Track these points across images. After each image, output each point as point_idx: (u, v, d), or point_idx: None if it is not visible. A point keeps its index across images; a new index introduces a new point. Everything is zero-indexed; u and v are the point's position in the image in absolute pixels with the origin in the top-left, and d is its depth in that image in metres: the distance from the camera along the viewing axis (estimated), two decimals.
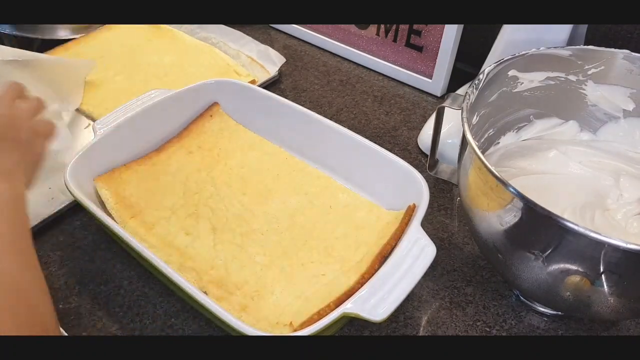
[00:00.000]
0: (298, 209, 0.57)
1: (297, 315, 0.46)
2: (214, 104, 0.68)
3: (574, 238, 0.39)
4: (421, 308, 0.53)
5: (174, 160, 0.63)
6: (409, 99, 0.81)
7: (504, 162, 0.58)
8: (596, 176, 0.56)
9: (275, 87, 0.83)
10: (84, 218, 0.61)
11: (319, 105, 0.79)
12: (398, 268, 0.45)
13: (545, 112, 0.60)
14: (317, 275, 0.51)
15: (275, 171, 0.62)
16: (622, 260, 0.38)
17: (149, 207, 0.57)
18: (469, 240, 0.60)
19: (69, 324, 0.51)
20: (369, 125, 0.76)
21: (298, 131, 0.64)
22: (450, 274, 0.56)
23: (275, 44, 0.93)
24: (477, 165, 0.44)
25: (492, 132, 0.59)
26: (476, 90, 0.52)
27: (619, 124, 0.59)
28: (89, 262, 0.57)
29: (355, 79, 0.85)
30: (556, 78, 0.58)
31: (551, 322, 0.52)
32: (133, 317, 0.52)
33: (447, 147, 0.66)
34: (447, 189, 0.66)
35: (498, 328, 0.52)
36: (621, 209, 0.52)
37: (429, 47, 0.80)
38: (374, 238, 0.53)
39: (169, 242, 0.53)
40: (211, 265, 0.51)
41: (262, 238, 0.54)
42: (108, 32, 0.88)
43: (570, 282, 0.42)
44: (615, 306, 0.43)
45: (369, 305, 0.42)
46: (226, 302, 0.48)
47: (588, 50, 0.56)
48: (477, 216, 0.48)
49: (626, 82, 0.56)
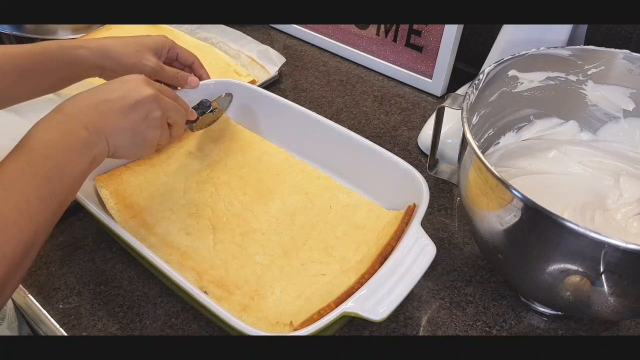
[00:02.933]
0: (298, 209, 0.57)
1: (297, 314, 0.46)
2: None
3: (574, 238, 0.39)
4: (421, 308, 0.53)
5: (173, 160, 0.63)
6: (409, 99, 0.81)
7: (504, 162, 0.58)
8: (596, 176, 0.56)
9: (275, 87, 0.83)
10: (84, 218, 0.61)
11: (319, 105, 0.79)
12: (398, 268, 0.45)
13: (545, 112, 0.60)
14: (317, 275, 0.51)
15: (275, 171, 0.62)
16: (622, 260, 0.38)
17: (149, 207, 0.57)
18: (469, 240, 0.60)
19: (69, 324, 0.51)
20: (369, 125, 0.76)
21: (298, 131, 0.64)
22: (450, 274, 0.56)
23: (275, 44, 0.93)
24: (477, 165, 0.44)
25: (492, 132, 0.59)
26: (476, 90, 0.52)
27: (619, 124, 0.59)
28: (89, 262, 0.57)
29: (355, 79, 0.85)
30: (556, 78, 0.58)
31: (551, 322, 0.52)
32: (133, 317, 0.52)
33: (447, 147, 0.66)
34: (447, 189, 0.66)
35: (498, 328, 0.52)
36: (621, 209, 0.52)
37: (429, 47, 0.80)
38: (374, 238, 0.53)
39: (169, 242, 0.53)
40: (211, 265, 0.51)
41: (262, 238, 0.54)
42: (108, 32, 0.88)
43: (570, 282, 0.42)
44: (615, 306, 0.43)
45: (369, 305, 0.42)
46: (226, 301, 0.48)
47: (588, 50, 0.56)
48: (477, 216, 0.48)
49: (626, 82, 0.56)
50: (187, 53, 0.65)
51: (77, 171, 0.43)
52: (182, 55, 0.64)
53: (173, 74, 0.62)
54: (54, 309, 0.53)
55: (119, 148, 0.47)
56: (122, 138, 0.47)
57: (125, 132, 0.47)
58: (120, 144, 0.47)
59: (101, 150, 0.45)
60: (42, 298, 0.54)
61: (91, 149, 0.44)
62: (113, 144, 0.46)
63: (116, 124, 0.46)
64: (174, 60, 0.64)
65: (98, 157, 0.45)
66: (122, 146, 0.47)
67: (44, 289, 0.54)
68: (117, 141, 0.47)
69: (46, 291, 0.54)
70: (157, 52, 0.61)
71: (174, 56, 0.64)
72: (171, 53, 0.63)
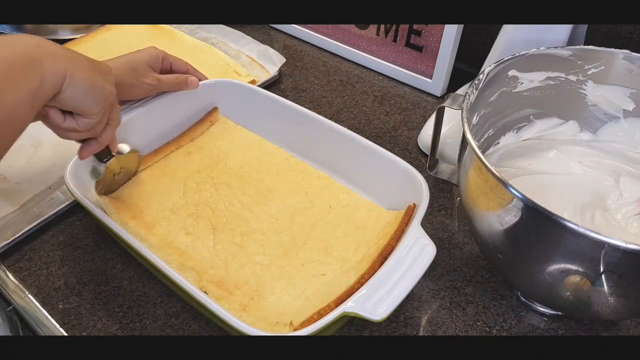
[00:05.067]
0: (298, 209, 0.57)
1: (297, 314, 0.46)
2: (213, 110, 0.68)
3: (574, 238, 0.39)
4: (421, 308, 0.53)
5: (173, 160, 0.63)
6: (409, 99, 0.81)
7: (504, 162, 0.58)
8: (596, 176, 0.56)
9: (275, 87, 0.83)
10: (84, 218, 0.61)
11: (319, 105, 0.79)
12: (398, 268, 0.45)
13: (545, 112, 0.60)
14: (317, 275, 0.51)
15: (275, 171, 0.62)
16: (622, 260, 0.38)
17: (149, 207, 0.57)
18: (469, 240, 0.60)
19: (69, 324, 0.51)
20: (369, 125, 0.76)
21: (298, 131, 0.64)
22: (450, 274, 0.56)
23: (275, 44, 0.93)
24: (477, 165, 0.44)
25: (492, 132, 0.59)
26: (476, 90, 0.52)
27: (619, 124, 0.59)
28: (89, 262, 0.57)
29: (355, 79, 0.85)
30: (556, 78, 0.58)
31: (551, 322, 0.52)
32: (133, 317, 0.52)
33: (447, 147, 0.66)
34: (447, 189, 0.66)
35: (498, 328, 0.52)
36: (621, 209, 0.52)
37: (429, 47, 0.80)
38: (374, 238, 0.53)
39: (169, 242, 0.53)
40: (211, 265, 0.51)
41: (262, 238, 0.54)
42: (108, 32, 0.88)
43: (570, 282, 0.42)
44: (615, 306, 0.43)
45: (369, 305, 0.42)
46: (226, 301, 0.48)
47: (588, 50, 0.56)
48: (477, 216, 0.48)
49: (626, 82, 0.56)
50: (180, 61, 0.65)
51: (24, 90, 0.39)
52: (176, 63, 0.64)
53: (172, 80, 0.62)
54: (54, 309, 0.53)
55: (75, 80, 0.43)
56: (81, 72, 0.44)
57: (83, 68, 0.44)
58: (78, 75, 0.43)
59: (50, 70, 0.41)
60: (42, 298, 0.54)
61: (41, 67, 0.40)
62: (70, 73, 0.43)
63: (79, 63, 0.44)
64: (168, 70, 0.64)
65: (48, 78, 0.41)
66: (78, 79, 0.44)
67: (44, 289, 0.54)
68: (75, 71, 0.43)
69: (46, 291, 0.54)
70: (152, 65, 0.61)
71: (168, 66, 0.63)
72: (165, 63, 0.63)
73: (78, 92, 0.44)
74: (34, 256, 0.57)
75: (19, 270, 0.56)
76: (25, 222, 0.58)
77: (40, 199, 0.61)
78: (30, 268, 0.56)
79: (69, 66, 0.43)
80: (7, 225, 0.58)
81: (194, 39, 0.87)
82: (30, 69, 0.40)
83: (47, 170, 0.64)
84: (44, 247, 0.58)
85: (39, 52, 0.41)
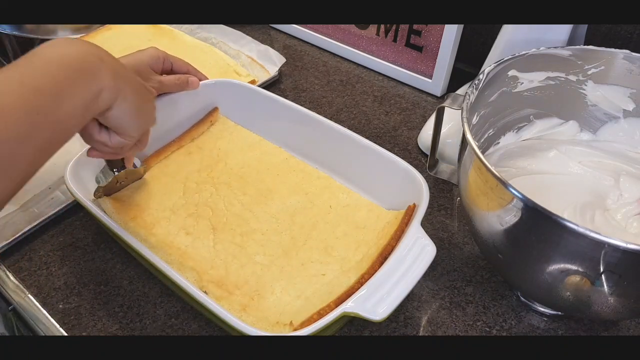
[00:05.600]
0: (298, 209, 0.57)
1: (297, 314, 0.46)
2: (213, 110, 0.68)
3: (574, 238, 0.39)
4: (421, 308, 0.53)
5: (173, 160, 0.63)
6: (409, 99, 0.81)
7: (504, 162, 0.58)
8: (596, 176, 0.56)
9: (275, 87, 0.83)
10: (84, 218, 0.61)
11: (319, 105, 0.79)
12: (398, 268, 0.45)
13: (545, 112, 0.60)
14: (317, 275, 0.51)
15: (275, 171, 0.62)
16: (622, 260, 0.38)
17: (149, 208, 0.56)
18: (469, 240, 0.60)
19: (69, 324, 0.51)
20: (369, 125, 0.76)
21: (298, 131, 0.64)
22: (450, 274, 0.56)
23: (275, 44, 0.93)
24: (477, 165, 0.44)
25: (492, 132, 0.59)
26: (476, 90, 0.52)
27: (619, 124, 0.59)
28: (89, 262, 0.57)
29: (355, 79, 0.85)
30: (556, 78, 0.58)
31: (551, 322, 0.52)
32: (133, 317, 0.52)
33: (447, 147, 0.66)
34: (447, 189, 0.66)
35: (498, 328, 0.52)
36: (621, 209, 0.52)
37: (429, 47, 0.80)
38: (374, 238, 0.53)
39: (169, 242, 0.53)
40: (211, 265, 0.51)
41: (262, 238, 0.54)
42: (108, 32, 0.88)
43: (570, 282, 0.42)
44: (615, 306, 0.43)
45: (369, 305, 0.42)
46: (226, 301, 0.48)
47: (588, 50, 0.56)
48: (477, 216, 0.48)
49: (626, 82, 0.56)
50: (181, 62, 0.64)
51: (79, 100, 0.37)
52: (177, 64, 0.63)
53: (174, 81, 0.62)
54: (54, 309, 0.53)
55: (127, 101, 0.42)
56: (133, 94, 0.42)
57: (135, 91, 0.43)
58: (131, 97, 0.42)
59: (107, 84, 0.39)
60: (42, 298, 0.54)
61: (100, 80, 0.39)
62: (124, 92, 0.41)
63: (131, 84, 0.43)
64: (169, 70, 0.63)
65: (104, 92, 0.39)
66: (130, 101, 0.42)
67: (44, 288, 0.54)
68: (128, 93, 0.42)
69: (46, 291, 0.54)
70: (153, 66, 0.60)
71: (168, 66, 0.63)
72: (166, 64, 0.62)
73: (125, 114, 0.43)
74: (34, 256, 0.57)
75: (19, 270, 0.56)
76: (25, 222, 0.58)
77: (40, 199, 0.61)
78: (30, 268, 0.56)
79: (123, 84, 0.41)
80: (7, 225, 0.58)
81: (194, 39, 0.87)
82: (90, 78, 0.38)
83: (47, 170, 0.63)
84: (44, 247, 0.58)
85: (100, 63, 0.39)
